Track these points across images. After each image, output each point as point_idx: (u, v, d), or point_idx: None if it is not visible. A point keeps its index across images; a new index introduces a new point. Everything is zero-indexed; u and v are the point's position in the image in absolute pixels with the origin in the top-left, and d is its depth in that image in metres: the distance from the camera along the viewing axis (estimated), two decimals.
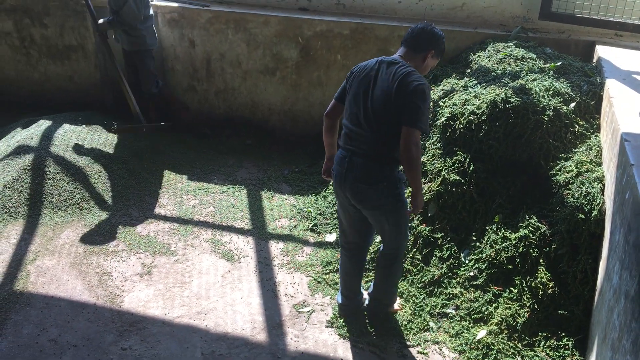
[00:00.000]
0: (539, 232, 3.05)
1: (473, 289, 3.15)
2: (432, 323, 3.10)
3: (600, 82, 3.58)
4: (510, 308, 2.98)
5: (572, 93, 3.51)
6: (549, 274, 2.96)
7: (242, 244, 3.76)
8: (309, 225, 3.94)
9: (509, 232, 3.16)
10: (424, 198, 3.43)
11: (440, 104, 3.73)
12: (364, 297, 3.15)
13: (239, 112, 5.20)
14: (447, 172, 3.41)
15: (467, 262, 3.25)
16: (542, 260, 3.00)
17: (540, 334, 2.90)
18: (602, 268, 2.68)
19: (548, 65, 3.80)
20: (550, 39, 4.25)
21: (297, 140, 5.08)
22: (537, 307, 2.93)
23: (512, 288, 3.04)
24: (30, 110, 5.25)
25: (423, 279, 3.29)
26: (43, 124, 4.61)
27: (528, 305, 2.95)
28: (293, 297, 3.30)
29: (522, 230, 3.09)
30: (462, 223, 3.37)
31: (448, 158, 3.47)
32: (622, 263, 2.21)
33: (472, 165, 3.36)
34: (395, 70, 2.56)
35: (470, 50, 4.27)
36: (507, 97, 3.38)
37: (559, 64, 3.82)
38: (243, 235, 3.85)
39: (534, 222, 3.09)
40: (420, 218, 3.46)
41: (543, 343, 2.87)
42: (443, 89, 3.88)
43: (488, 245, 3.19)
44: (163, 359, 2.84)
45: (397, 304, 3.15)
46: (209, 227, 3.93)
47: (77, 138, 4.48)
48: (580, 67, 3.86)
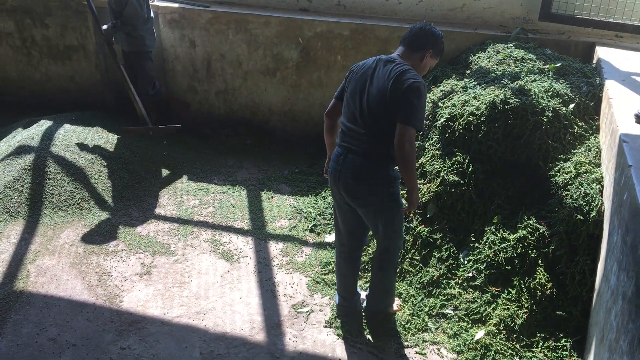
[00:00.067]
0: (538, 233, 3.05)
1: (472, 290, 3.16)
2: (430, 323, 3.10)
3: (600, 83, 3.58)
4: (509, 309, 2.98)
5: (571, 94, 3.51)
6: (548, 275, 2.96)
7: (241, 244, 3.76)
8: (309, 226, 3.95)
9: (508, 233, 3.16)
10: (423, 199, 3.44)
11: (440, 105, 3.73)
12: (362, 297, 3.16)
13: (239, 112, 5.21)
14: (446, 172, 3.41)
15: (465, 262, 3.25)
16: (540, 261, 3.01)
17: (539, 335, 2.91)
18: (600, 269, 2.68)
19: (548, 67, 3.80)
20: (550, 40, 4.25)
21: (297, 141, 5.09)
22: (535, 307, 2.94)
23: (510, 289, 3.04)
24: (31, 111, 5.26)
25: (422, 280, 3.30)
26: (44, 124, 4.62)
27: (526, 306, 2.95)
28: (292, 297, 3.31)
29: (520, 231, 3.09)
30: (461, 224, 3.37)
31: (447, 159, 3.47)
32: (619, 264, 2.21)
33: (471, 166, 3.36)
34: (392, 69, 2.56)
35: (470, 51, 4.28)
36: (506, 98, 3.38)
37: (559, 65, 3.82)
38: (242, 236, 3.86)
39: (533, 223, 3.09)
40: (419, 219, 3.46)
41: (541, 344, 2.88)
42: (443, 90, 3.89)
43: (487, 246, 3.19)
44: (162, 359, 2.84)
45: (395, 305, 3.15)
46: (209, 227, 3.94)
47: (77, 138, 4.49)
48: (580, 68, 3.86)
